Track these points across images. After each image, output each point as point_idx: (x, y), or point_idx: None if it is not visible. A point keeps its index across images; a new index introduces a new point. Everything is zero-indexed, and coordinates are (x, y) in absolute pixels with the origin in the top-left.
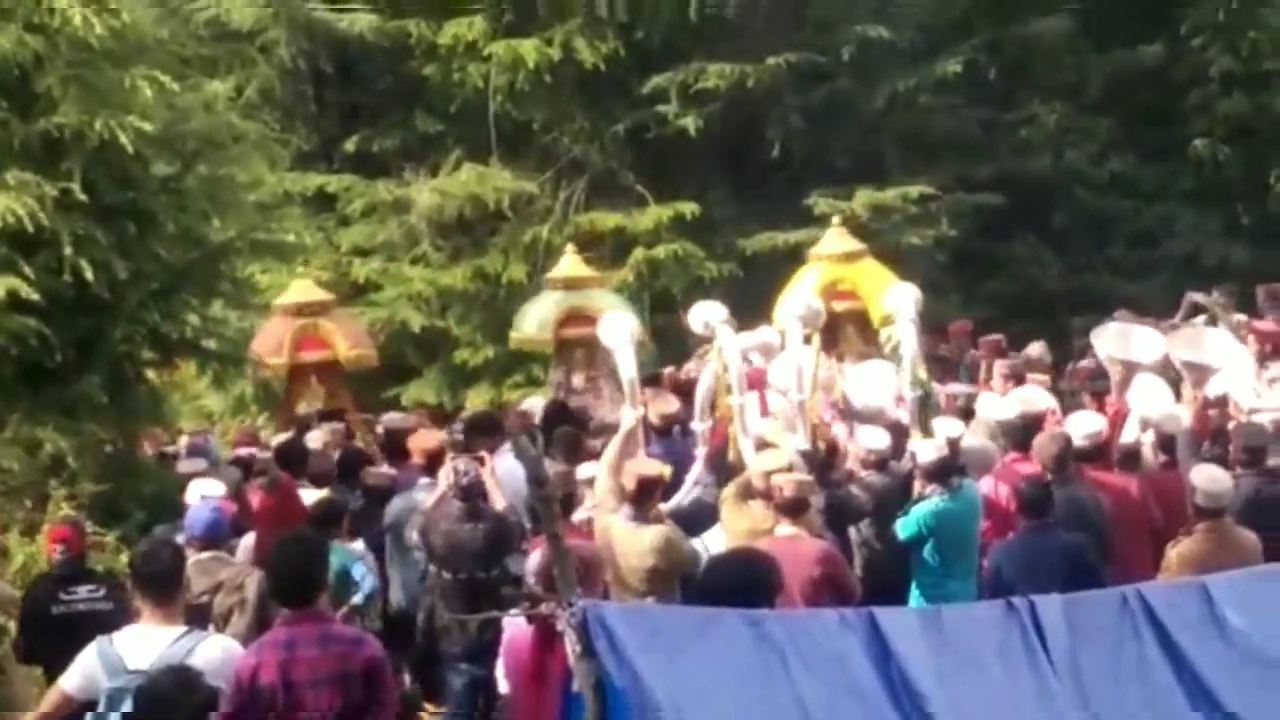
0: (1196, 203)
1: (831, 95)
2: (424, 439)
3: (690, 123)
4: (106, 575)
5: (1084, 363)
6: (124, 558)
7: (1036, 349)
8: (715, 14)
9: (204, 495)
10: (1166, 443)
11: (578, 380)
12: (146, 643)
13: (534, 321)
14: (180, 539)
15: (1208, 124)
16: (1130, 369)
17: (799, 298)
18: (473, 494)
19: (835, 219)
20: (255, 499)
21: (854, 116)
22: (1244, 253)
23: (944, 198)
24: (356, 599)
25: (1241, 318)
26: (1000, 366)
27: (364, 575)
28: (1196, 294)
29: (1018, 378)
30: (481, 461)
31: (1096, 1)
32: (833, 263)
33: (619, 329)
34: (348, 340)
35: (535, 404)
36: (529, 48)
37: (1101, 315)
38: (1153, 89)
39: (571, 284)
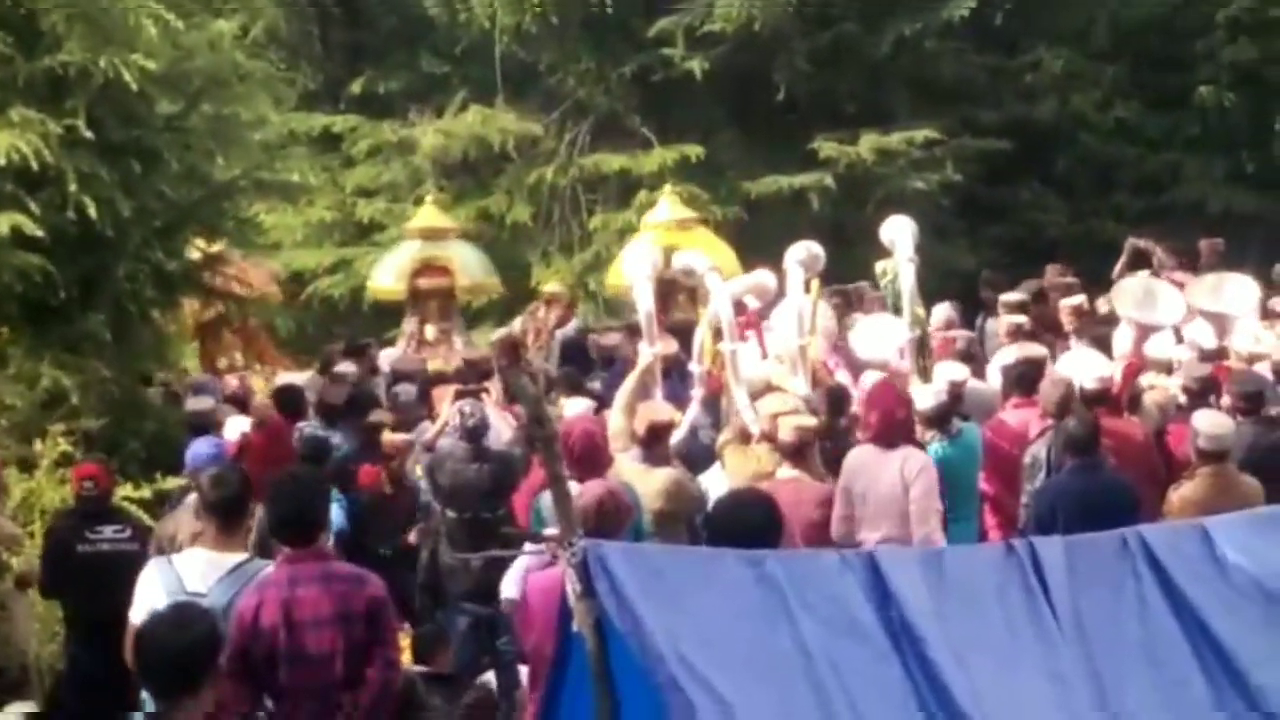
0: (1202, 150)
1: (838, 39)
2: (450, 391)
3: (696, 65)
4: (130, 515)
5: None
6: (120, 490)
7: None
8: None
9: (244, 432)
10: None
11: (430, 332)
12: (206, 567)
13: (390, 271)
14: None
15: (1214, 71)
16: (1146, 331)
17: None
18: (478, 435)
19: (667, 187)
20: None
21: (860, 60)
22: (1248, 200)
23: (949, 142)
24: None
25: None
26: None
27: (334, 515)
28: (1139, 239)
29: None
30: (487, 392)
31: None
32: (666, 231)
33: (639, 263)
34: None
35: (389, 353)
36: None
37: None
38: (1159, 35)
39: (428, 234)
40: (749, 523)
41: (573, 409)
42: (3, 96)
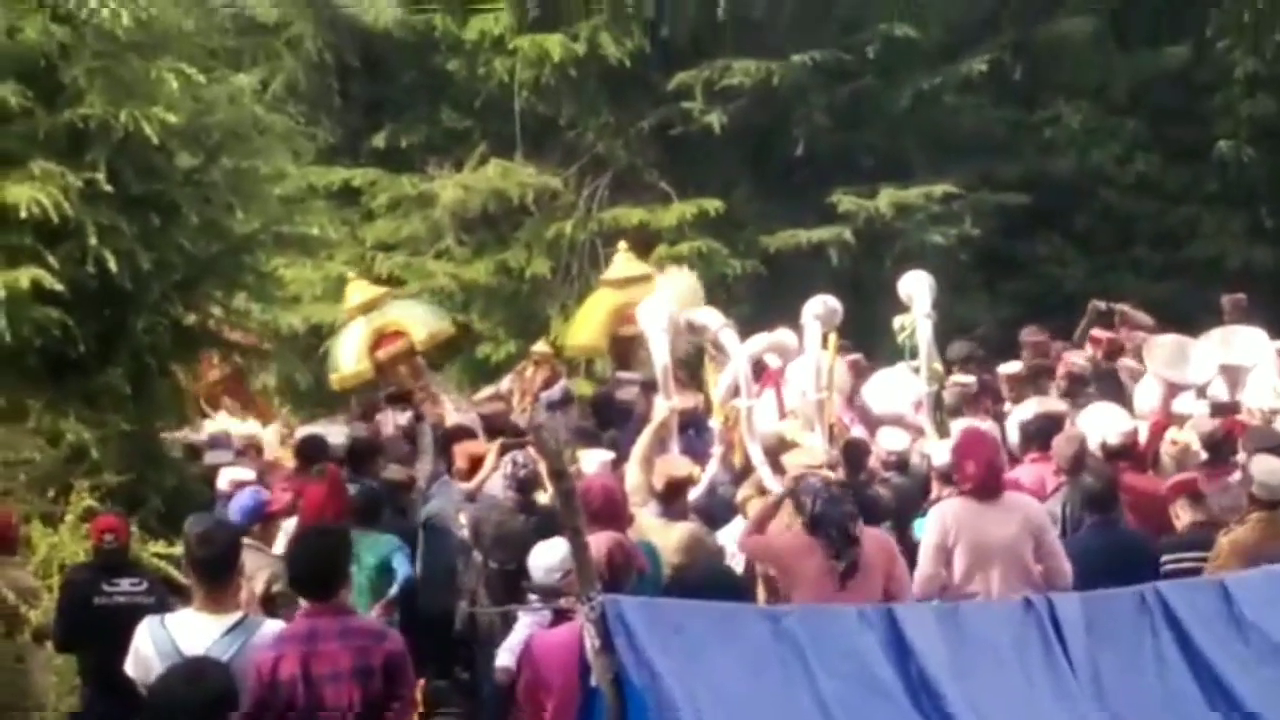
0: (1220, 205)
1: (856, 93)
2: (472, 446)
3: (715, 120)
4: (148, 569)
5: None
6: (150, 547)
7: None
8: (741, 11)
9: (232, 480)
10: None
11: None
12: (200, 630)
13: (349, 357)
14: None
15: (1232, 126)
16: (1175, 389)
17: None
18: (529, 487)
19: (622, 244)
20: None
21: (878, 115)
22: (1267, 255)
23: (968, 196)
24: (393, 590)
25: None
26: None
27: (401, 565)
28: (1100, 302)
29: None
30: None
31: (1122, 2)
32: (617, 289)
33: (655, 316)
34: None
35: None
36: (554, 43)
37: None
38: (1178, 90)
39: (366, 308)
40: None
41: (589, 461)
42: (24, 150)
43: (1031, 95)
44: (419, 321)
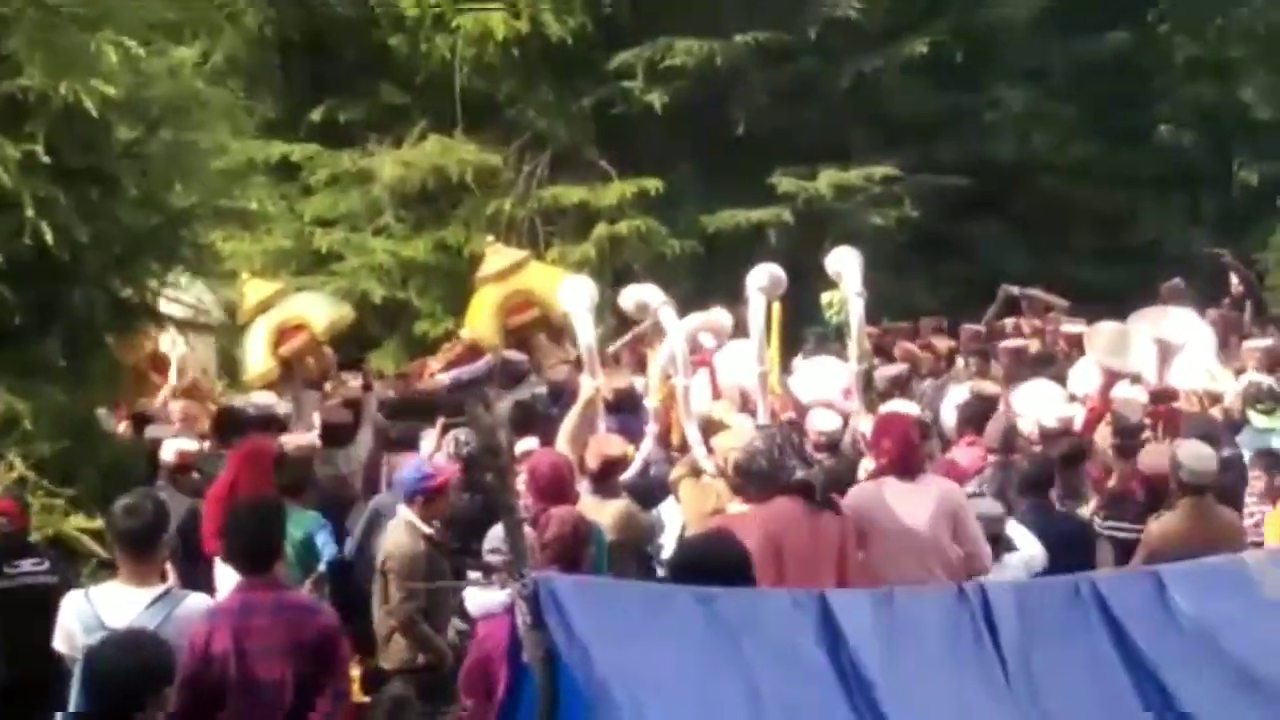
0: (1160, 189)
1: (798, 74)
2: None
3: (656, 99)
4: (49, 547)
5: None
6: (73, 520)
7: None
8: None
9: (178, 451)
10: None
11: (328, 385)
12: (124, 602)
13: (255, 358)
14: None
15: (1172, 110)
16: (1115, 377)
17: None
18: (473, 464)
19: (489, 238)
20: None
21: (819, 96)
22: (1206, 240)
23: (907, 179)
24: (321, 567)
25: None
26: None
27: (325, 543)
28: (1012, 286)
29: None
30: None
31: None
32: (496, 282)
33: (577, 294)
34: None
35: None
36: (496, 20)
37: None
38: (1118, 75)
39: (264, 307)
40: (719, 563)
41: (523, 447)
42: None
43: (972, 78)
44: (318, 312)
